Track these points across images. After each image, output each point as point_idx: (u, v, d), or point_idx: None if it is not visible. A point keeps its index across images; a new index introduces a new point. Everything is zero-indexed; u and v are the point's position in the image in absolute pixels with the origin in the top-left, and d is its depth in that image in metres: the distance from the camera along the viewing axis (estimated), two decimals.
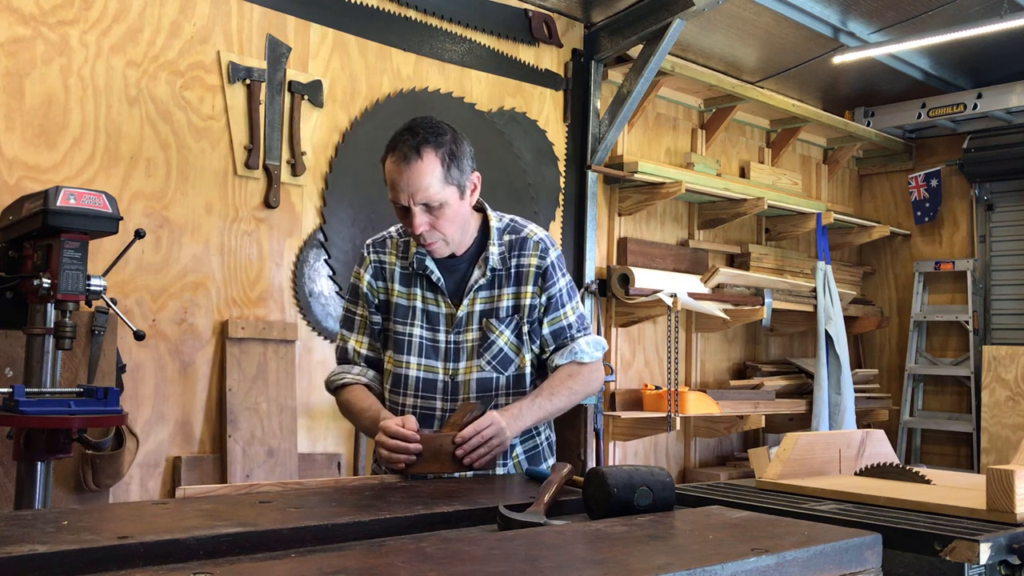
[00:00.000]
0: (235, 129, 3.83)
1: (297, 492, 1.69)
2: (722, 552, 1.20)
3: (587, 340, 2.30)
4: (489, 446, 2.06)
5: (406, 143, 2.10)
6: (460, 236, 2.21)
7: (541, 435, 2.37)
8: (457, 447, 2.04)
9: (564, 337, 2.29)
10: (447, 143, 2.12)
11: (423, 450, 2.03)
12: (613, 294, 5.23)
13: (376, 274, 2.30)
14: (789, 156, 6.60)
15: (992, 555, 1.35)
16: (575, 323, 2.30)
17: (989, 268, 6.62)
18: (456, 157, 2.13)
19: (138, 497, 3.52)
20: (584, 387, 2.29)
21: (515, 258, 2.26)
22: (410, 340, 2.25)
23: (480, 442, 2.05)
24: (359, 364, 2.32)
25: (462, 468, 2.05)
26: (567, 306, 2.29)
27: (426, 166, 2.09)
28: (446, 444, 2.04)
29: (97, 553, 1.20)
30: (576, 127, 5.13)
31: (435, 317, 2.25)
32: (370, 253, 2.32)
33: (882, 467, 1.92)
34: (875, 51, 5.61)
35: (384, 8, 4.33)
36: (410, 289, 2.27)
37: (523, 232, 2.29)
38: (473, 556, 1.19)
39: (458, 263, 2.26)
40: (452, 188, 2.13)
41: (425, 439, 2.05)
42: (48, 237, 2.77)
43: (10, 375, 3.08)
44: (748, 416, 5.47)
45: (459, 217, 2.17)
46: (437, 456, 2.04)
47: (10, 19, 3.29)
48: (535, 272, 2.26)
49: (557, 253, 2.30)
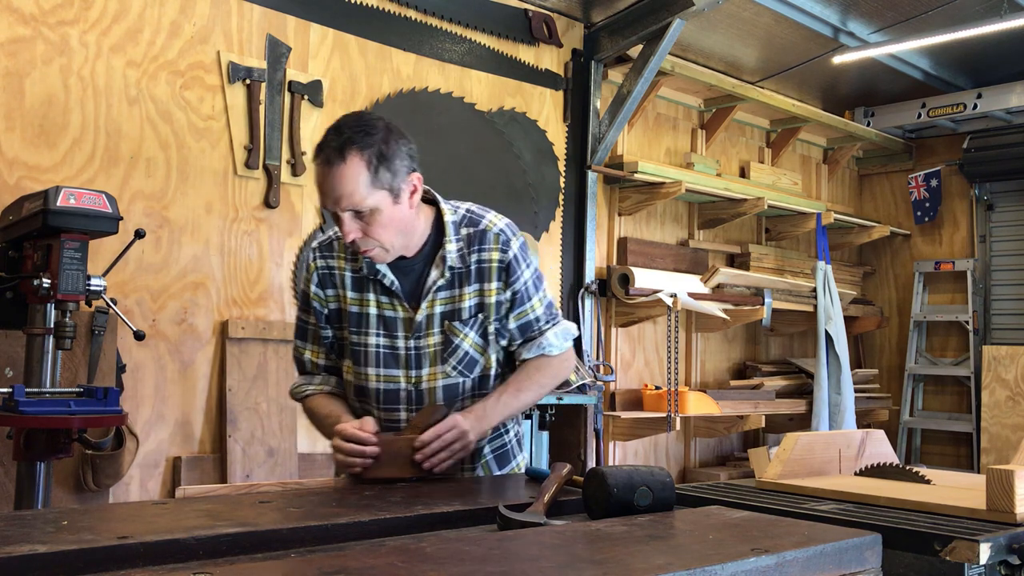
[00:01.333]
0: (235, 129, 3.83)
1: (297, 492, 1.69)
2: (722, 552, 1.20)
3: (555, 331, 2.17)
4: (451, 450, 1.96)
5: (330, 144, 1.91)
6: (403, 240, 2.02)
7: (509, 432, 2.25)
8: (416, 451, 1.93)
9: (532, 330, 2.15)
10: (376, 143, 1.91)
11: (381, 454, 1.93)
12: (613, 294, 5.23)
13: (323, 282, 2.13)
14: (789, 156, 6.60)
15: (992, 555, 1.35)
16: (543, 315, 2.16)
17: (989, 268, 6.62)
18: (386, 158, 1.92)
19: (138, 497, 3.52)
20: (552, 379, 2.19)
21: (475, 253, 2.08)
22: (367, 350, 2.10)
23: (441, 446, 1.94)
24: (319, 374, 2.20)
25: (422, 473, 1.94)
26: (534, 298, 2.14)
27: (350, 170, 1.89)
28: (405, 448, 1.93)
29: (97, 553, 1.20)
30: (576, 127, 5.13)
31: (392, 323, 2.08)
32: (316, 259, 2.14)
33: (882, 467, 1.92)
34: (875, 51, 5.61)
35: (384, 8, 4.33)
36: (363, 295, 2.10)
37: (481, 224, 2.10)
38: (473, 556, 1.19)
39: (412, 263, 2.08)
40: (383, 193, 1.92)
41: (383, 442, 1.94)
42: (48, 237, 2.77)
43: (10, 375, 3.08)
44: (748, 416, 5.47)
45: (395, 223, 1.97)
46: (395, 460, 1.93)
47: (10, 19, 3.29)
48: (498, 267, 2.09)
49: (520, 243, 2.14)
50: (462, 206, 2.15)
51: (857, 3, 5.17)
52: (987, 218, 6.65)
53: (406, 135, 2.01)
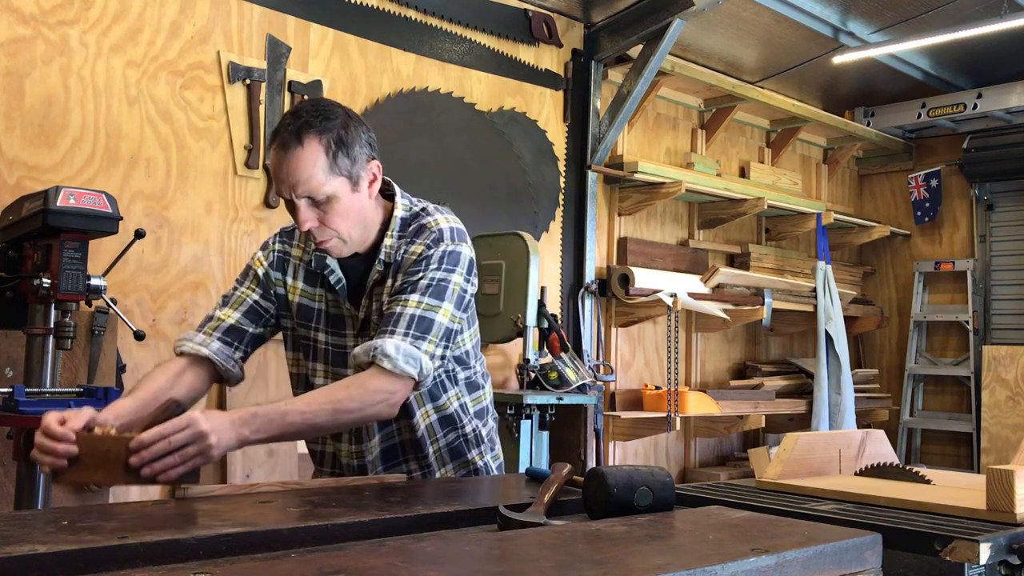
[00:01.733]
0: (235, 129, 3.83)
1: (297, 492, 1.69)
2: (722, 552, 1.20)
3: (400, 344, 1.80)
4: (183, 455, 1.59)
5: (287, 128, 1.83)
6: (361, 232, 1.92)
7: (466, 428, 2.07)
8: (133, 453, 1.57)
9: (385, 326, 1.85)
10: (335, 128, 1.84)
11: (84, 454, 1.59)
12: (613, 294, 5.24)
13: (277, 264, 2.03)
14: (789, 156, 6.60)
15: (992, 555, 1.35)
16: (409, 318, 1.84)
17: (989, 268, 6.62)
18: (345, 144, 1.84)
19: (138, 497, 3.51)
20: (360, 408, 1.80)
21: (407, 246, 1.94)
22: (315, 346, 2.01)
23: (166, 449, 1.58)
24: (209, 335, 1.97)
25: (139, 480, 1.57)
26: (414, 295, 1.86)
27: (307, 154, 1.81)
28: (115, 448, 1.58)
29: (97, 553, 1.20)
30: (576, 127, 5.13)
31: (339, 321, 1.99)
32: (275, 242, 2.07)
33: (882, 467, 1.92)
34: (875, 51, 5.61)
35: (384, 8, 4.33)
36: (315, 289, 2.01)
37: (425, 219, 1.96)
38: (473, 556, 1.19)
39: (360, 261, 1.97)
40: (341, 179, 1.84)
41: (85, 440, 1.60)
42: (48, 237, 2.77)
43: (10, 375, 3.08)
44: (748, 416, 5.47)
45: (353, 212, 1.88)
46: (102, 463, 1.59)
47: (10, 19, 3.29)
48: (414, 259, 1.91)
49: (451, 249, 1.92)
50: (422, 204, 2.02)
51: (857, 3, 5.17)
52: (987, 218, 6.66)
53: (365, 123, 1.94)
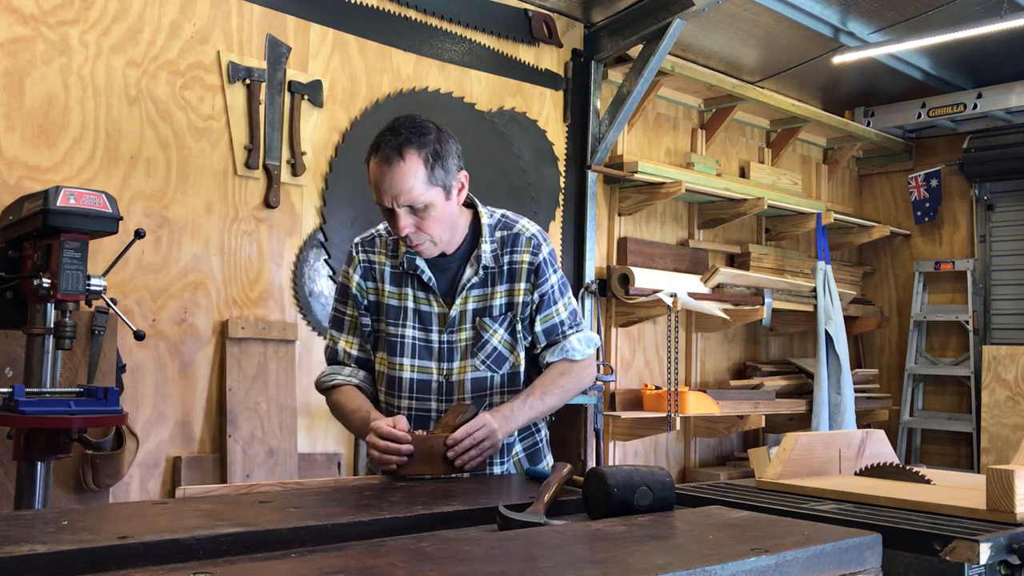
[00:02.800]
0: (235, 129, 3.83)
1: (297, 492, 1.69)
2: (722, 552, 1.20)
3: (579, 337, 2.26)
4: (481, 448, 2.03)
5: (388, 144, 2.05)
6: (449, 236, 2.16)
7: (540, 432, 2.36)
8: (448, 449, 2.01)
9: (556, 334, 2.25)
10: (431, 143, 2.06)
11: (415, 451, 2.01)
12: (613, 294, 5.23)
13: (365, 274, 2.25)
14: (789, 156, 6.60)
15: (992, 555, 1.35)
16: (567, 319, 2.27)
17: (989, 268, 6.62)
18: (440, 157, 2.07)
19: (138, 497, 3.52)
20: (576, 384, 2.28)
21: (508, 254, 2.21)
22: (403, 341, 2.21)
23: (471, 444, 2.02)
24: (349, 365, 2.28)
25: (454, 470, 2.02)
26: (559, 303, 2.26)
27: (409, 167, 2.03)
28: (437, 446, 2.01)
29: (97, 553, 1.20)
30: (576, 127, 5.13)
31: (427, 317, 2.21)
32: (359, 252, 2.27)
33: (882, 467, 1.92)
34: (875, 51, 5.61)
35: (384, 8, 4.33)
36: (401, 289, 2.22)
37: (515, 228, 2.24)
38: (473, 556, 1.19)
39: (449, 261, 2.21)
40: (437, 189, 2.07)
41: (416, 440, 2.02)
42: (48, 237, 2.77)
43: (10, 375, 3.08)
44: (748, 416, 5.47)
45: (446, 218, 2.12)
46: (428, 458, 2.01)
47: (10, 19, 3.29)
48: (528, 268, 2.21)
49: (550, 249, 2.26)
50: (497, 211, 2.28)
51: (857, 3, 5.17)
52: (987, 218, 6.65)
53: (454, 136, 2.15)
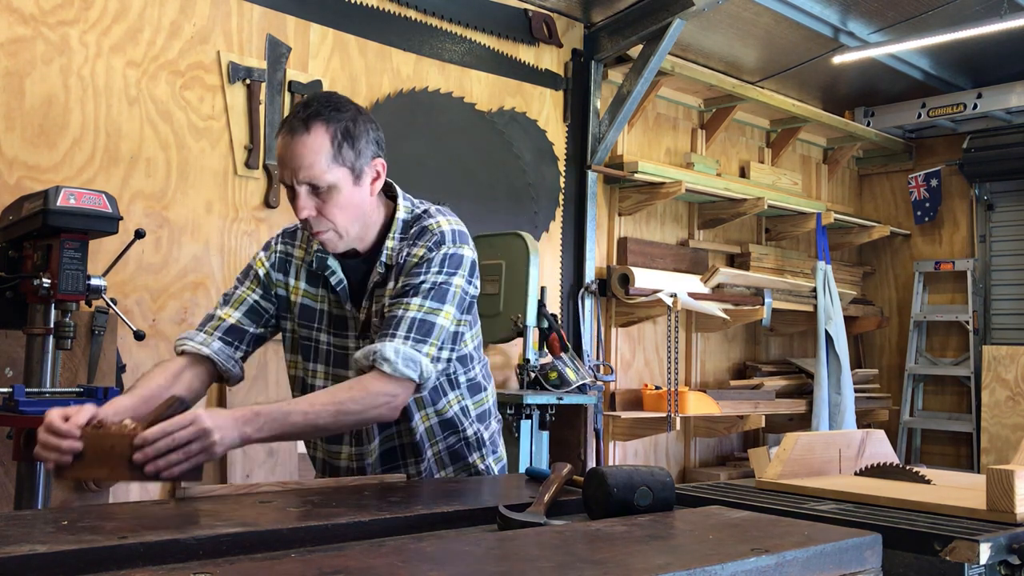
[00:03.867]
0: (235, 129, 3.83)
1: (297, 492, 1.69)
2: (722, 552, 1.20)
3: (400, 348, 1.82)
4: (186, 452, 1.58)
5: (296, 116, 1.86)
6: (358, 230, 1.93)
7: (467, 431, 2.08)
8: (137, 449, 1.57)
9: (385, 331, 1.86)
10: (344, 120, 1.87)
11: (88, 450, 1.59)
12: (613, 294, 5.24)
13: (278, 265, 2.04)
14: (789, 156, 6.60)
15: (992, 555, 1.35)
16: (410, 321, 1.85)
17: (989, 268, 6.62)
18: (352, 136, 1.87)
19: (138, 497, 3.52)
20: (362, 411, 1.81)
21: (407, 248, 1.95)
22: (317, 347, 2.02)
23: (169, 445, 1.57)
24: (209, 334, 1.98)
25: (143, 477, 1.58)
26: (416, 299, 1.88)
27: (313, 141, 1.83)
28: (120, 445, 1.58)
29: (97, 553, 1.20)
30: (576, 127, 5.13)
31: (340, 322, 2.00)
32: (277, 243, 2.07)
33: (882, 467, 1.92)
34: (875, 51, 5.61)
35: (384, 8, 4.33)
36: (317, 290, 2.02)
37: (427, 222, 1.97)
38: (473, 556, 1.19)
39: (361, 262, 1.99)
40: (344, 170, 1.86)
41: (91, 437, 1.60)
42: (48, 237, 2.77)
43: (10, 375, 3.07)
44: (748, 416, 5.47)
45: (352, 206, 1.89)
46: (106, 459, 1.60)
47: (10, 19, 3.29)
48: (416, 262, 1.92)
49: (452, 252, 1.93)
50: (424, 206, 2.03)
51: (857, 3, 5.17)
52: (987, 218, 6.65)
53: (375, 122, 1.96)
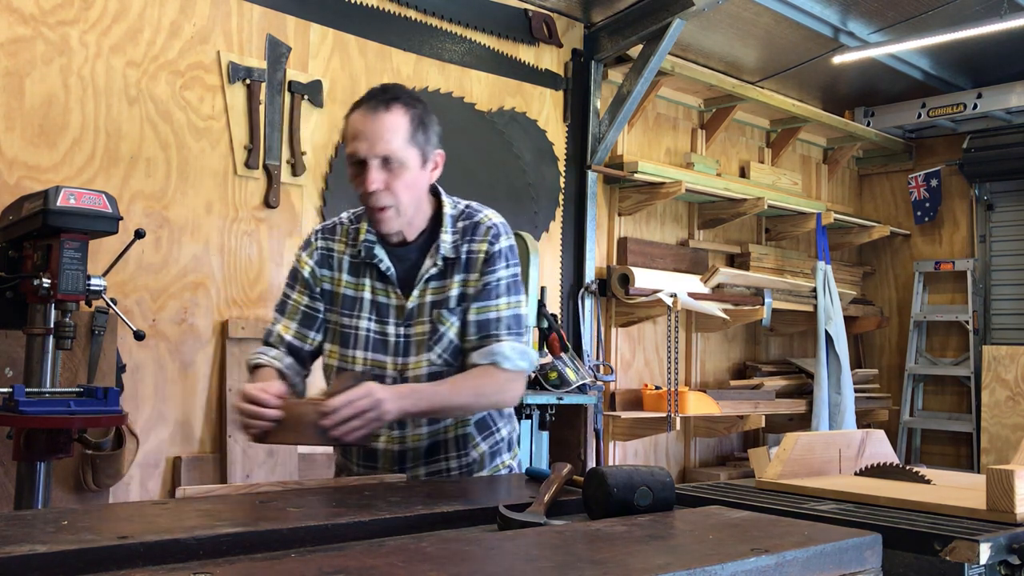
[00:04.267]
0: (235, 129, 3.83)
1: (297, 492, 1.69)
2: (722, 552, 1.20)
3: (513, 346, 2.07)
4: (364, 419, 1.84)
5: (377, 96, 2.03)
6: (412, 212, 2.07)
7: (501, 431, 2.23)
8: (322, 416, 1.81)
9: (489, 332, 2.07)
10: (419, 107, 2.05)
11: (284, 418, 1.83)
12: (613, 294, 5.24)
13: (322, 261, 2.16)
14: (789, 156, 6.60)
15: (992, 555, 1.35)
16: (506, 320, 2.08)
17: (989, 268, 6.62)
18: (425, 124, 2.05)
19: (138, 497, 3.52)
20: (495, 394, 2.07)
21: (466, 244, 2.11)
22: (356, 333, 2.12)
23: (351, 413, 1.82)
24: (278, 348, 2.16)
25: (329, 442, 1.84)
26: (502, 299, 2.09)
27: (394, 119, 2.00)
28: (310, 412, 1.82)
29: (97, 553, 1.20)
30: (576, 127, 5.13)
31: (384, 309, 2.11)
32: (317, 239, 2.19)
33: (882, 467, 1.92)
34: (875, 51, 5.61)
35: (384, 8, 4.33)
36: (359, 279, 2.13)
37: (477, 217, 2.14)
38: (473, 556, 1.19)
39: (408, 252, 2.12)
40: (415, 151, 2.02)
41: (287, 406, 1.85)
42: (48, 237, 2.77)
43: (10, 375, 3.08)
44: (748, 416, 5.47)
45: (416, 187, 2.05)
46: (298, 426, 1.83)
47: (10, 19, 3.29)
48: (482, 258, 2.09)
49: (509, 243, 2.14)
50: (462, 202, 2.19)
51: (857, 3, 5.17)
52: (987, 218, 6.65)
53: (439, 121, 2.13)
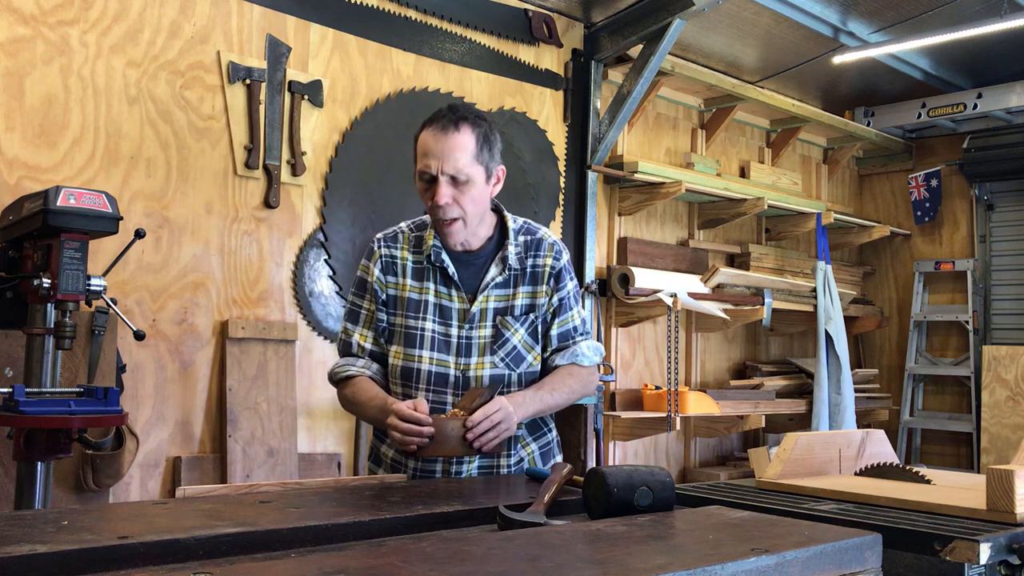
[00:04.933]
0: (235, 129, 3.83)
1: (297, 492, 1.69)
2: (722, 552, 1.20)
3: (588, 344, 2.36)
4: (498, 431, 2.08)
5: (446, 116, 2.18)
6: (477, 224, 2.24)
7: (552, 432, 2.43)
8: (467, 431, 2.06)
9: (569, 339, 2.34)
10: (484, 126, 2.21)
11: (435, 433, 2.06)
12: (613, 294, 5.23)
13: (386, 268, 2.30)
14: (789, 156, 6.60)
15: (992, 555, 1.35)
16: (579, 326, 2.36)
17: (989, 268, 6.62)
18: (489, 142, 2.21)
19: (138, 497, 3.52)
20: (582, 388, 2.35)
21: (531, 258, 2.31)
22: (422, 334, 2.26)
23: (489, 426, 2.07)
24: (363, 357, 2.31)
25: (472, 452, 2.08)
26: (574, 309, 2.36)
27: (462, 138, 2.16)
28: (456, 428, 2.07)
29: (97, 553, 1.20)
30: (576, 127, 5.13)
31: (448, 311, 2.26)
32: (380, 247, 2.33)
33: (882, 467, 1.92)
34: (875, 51, 5.61)
35: (384, 8, 4.33)
36: (422, 283, 2.28)
37: (539, 234, 2.35)
38: (473, 556, 1.19)
39: (473, 258, 2.29)
40: (480, 168, 2.18)
41: (436, 422, 2.07)
42: (48, 237, 2.76)
43: (10, 375, 3.07)
44: (748, 416, 5.47)
45: (481, 201, 2.21)
46: (447, 440, 2.06)
47: (10, 19, 3.29)
48: (550, 272, 2.31)
49: (568, 257, 2.38)
50: (520, 218, 2.38)
51: (857, 3, 5.16)
52: (987, 218, 6.65)
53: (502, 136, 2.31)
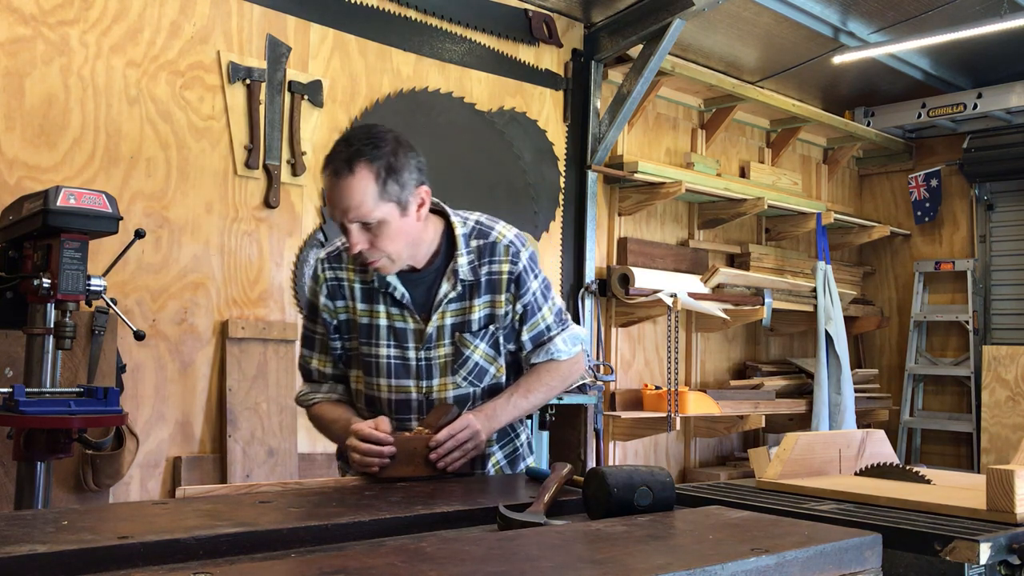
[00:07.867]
0: (235, 129, 3.83)
1: (297, 492, 1.69)
2: (722, 552, 1.20)
3: (564, 336, 2.20)
4: (463, 450, 2.00)
5: (340, 156, 1.93)
6: (411, 252, 2.04)
7: (520, 437, 2.29)
8: (431, 450, 1.97)
9: (543, 338, 2.19)
10: (384, 156, 1.93)
11: (396, 453, 1.96)
12: (613, 294, 5.23)
13: (332, 293, 2.14)
14: (789, 156, 6.60)
15: (992, 555, 1.35)
16: (552, 323, 2.20)
17: (989, 268, 6.62)
18: (395, 171, 1.94)
19: (138, 497, 3.52)
20: (561, 382, 2.23)
21: (486, 264, 2.11)
22: (378, 361, 2.12)
23: (455, 446, 1.98)
24: (325, 382, 2.22)
25: (436, 472, 1.98)
26: (543, 308, 2.18)
27: (358, 182, 1.91)
28: (420, 447, 1.98)
29: (97, 553, 1.20)
30: (576, 127, 5.13)
31: (403, 334, 2.10)
32: (324, 270, 2.15)
33: (882, 467, 1.92)
34: (875, 51, 5.61)
35: (384, 8, 4.33)
36: (372, 306, 2.11)
37: (491, 236, 2.13)
38: (473, 556, 1.19)
39: (423, 276, 2.10)
40: (390, 205, 1.94)
41: (399, 442, 1.97)
42: (48, 237, 2.77)
43: (10, 375, 3.08)
44: (748, 416, 5.47)
45: (403, 235, 1.99)
46: (410, 459, 1.97)
47: (10, 19, 3.29)
48: (508, 279, 2.12)
49: (529, 253, 2.16)
50: (471, 217, 2.17)
51: (857, 3, 5.16)
52: (987, 218, 6.65)
53: (415, 148, 2.02)
